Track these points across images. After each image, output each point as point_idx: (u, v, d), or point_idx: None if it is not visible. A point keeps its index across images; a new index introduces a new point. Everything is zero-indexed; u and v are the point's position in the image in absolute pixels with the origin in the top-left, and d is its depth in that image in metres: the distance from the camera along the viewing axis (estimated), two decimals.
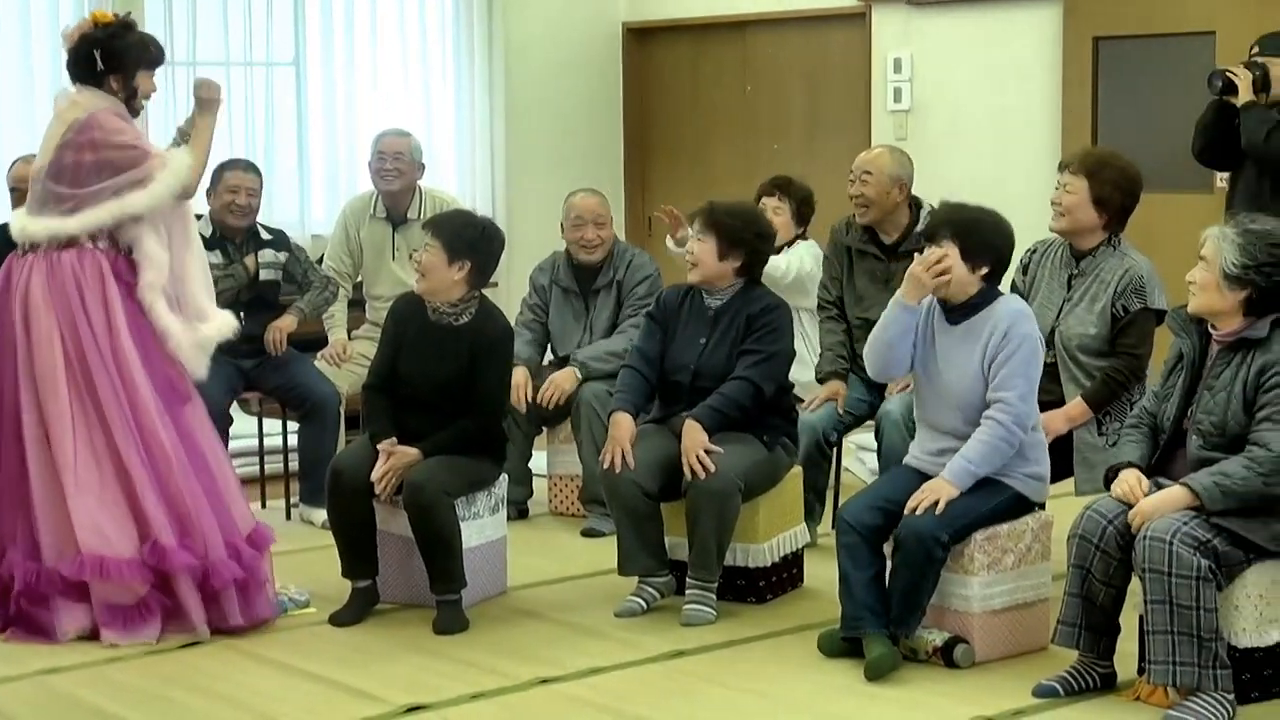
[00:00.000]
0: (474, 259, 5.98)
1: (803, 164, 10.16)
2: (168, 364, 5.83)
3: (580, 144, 10.83)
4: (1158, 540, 4.76)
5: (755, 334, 6.00)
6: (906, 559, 5.27)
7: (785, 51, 10.54)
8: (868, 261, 6.77)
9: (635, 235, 10.80)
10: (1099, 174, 5.92)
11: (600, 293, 7.40)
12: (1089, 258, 5.98)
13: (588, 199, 7.44)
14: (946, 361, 5.46)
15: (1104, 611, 5.00)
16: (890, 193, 6.67)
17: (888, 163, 6.71)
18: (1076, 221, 5.95)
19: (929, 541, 5.23)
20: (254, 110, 9.57)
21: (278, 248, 7.46)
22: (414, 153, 7.86)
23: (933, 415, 5.52)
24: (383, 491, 5.90)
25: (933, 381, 5.50)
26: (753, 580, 6.11)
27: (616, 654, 5.58)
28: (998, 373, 5.34)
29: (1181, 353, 5.09)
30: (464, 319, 6.04)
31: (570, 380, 7.19)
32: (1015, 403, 5.32)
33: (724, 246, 6.04)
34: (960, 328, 5.45)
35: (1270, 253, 4.88)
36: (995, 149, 9.48)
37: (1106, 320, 5.89)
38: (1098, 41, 9.12)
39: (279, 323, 7.35)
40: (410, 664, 5.52)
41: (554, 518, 7.52)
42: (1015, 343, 5.35)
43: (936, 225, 5.47)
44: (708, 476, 5.80)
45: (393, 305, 6.28)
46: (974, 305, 5.43)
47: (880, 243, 6.76)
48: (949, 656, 5.34)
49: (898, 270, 6.58)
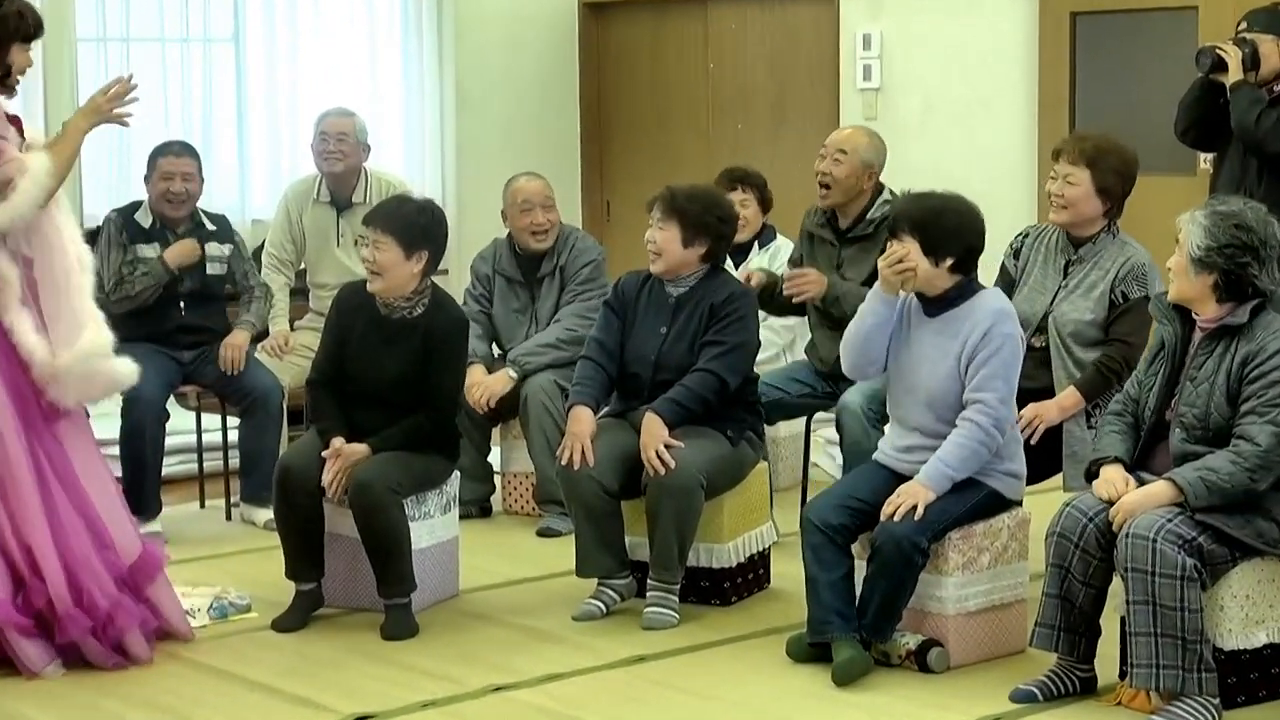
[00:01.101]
0: (430, 248, 5.98)
1: (768, 145, 10.19)
2: (23, 378, 5.50)
3: (535, 125, 10.82)
4: (1140, 538, 4.79)
5: (719, 324, 6.01)
6: (885, 566, 5.29)
7: (749, 27, 10.55)
8: (825, 247, 6.76)
9: (593, 221, 10.80)
10: (1100, 162, 5.95)
11: (545, 280, 7.39)
12: (1088, 244, 6.02)
13: (533, 182, 7.42)
14: (920, 356, 5.48)
15: (1084, 613, 5.03)
16: (859, 176, 6.64)
17: (863, 145, 6.67)
18: (1079, 214, 5.99)
19: (908, 548, 5.25)
20: (190, 89, 9.53)
21: (222, 239, 7.42)
22: (359, 133, 7.85)
23: (902, 411, 5.54)
24: (334, 495, 5.89)
25: (904, 376, 5.52)
26: (717, 581, 6.12)
27: (574, 660, 5.59)
28: (977, 373, 5.36)
29: (1163, 341, 5.12)
30: (418, 311, 6.03)
31: (502, 382, 7.19)
32: (995, 405, 5.35)
33: (688, 233, 6.04)
34: (937, 321, 5.47)
35: (1233, 235, 4.91)
36: (969, 129, 9.50)
37: (1104, 306, 5.92)
38: (1075, 17, 9.14)
39: (234, 340, 7.28)
40: (357, 671, 5.52)
41: (508, 516, 7.52)
42: (996, 343, 5.37)
43: (896, 219, 5.49)
44: (668, 473, 5.81)
45: (337, 295, 6.26)
46: (951, 299, 5.45)
47: (836, 227, 6.75)
48: (923, 660, 5.37)
49: (848, 256, 6.62)
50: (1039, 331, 5.95)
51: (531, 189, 7.38)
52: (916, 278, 5.41)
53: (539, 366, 7.17)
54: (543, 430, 7.07)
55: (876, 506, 5.38)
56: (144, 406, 6.96)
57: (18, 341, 5.47)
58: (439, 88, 10.28)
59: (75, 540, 5.49)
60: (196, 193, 7.35)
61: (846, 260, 6.64)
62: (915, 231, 5.40)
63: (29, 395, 5.50)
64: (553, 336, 7.21)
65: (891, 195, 6.55)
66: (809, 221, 6.84)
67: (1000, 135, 9.37)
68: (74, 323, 5.53)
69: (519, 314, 7.42)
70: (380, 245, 5.93)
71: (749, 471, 6.17)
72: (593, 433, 5.96)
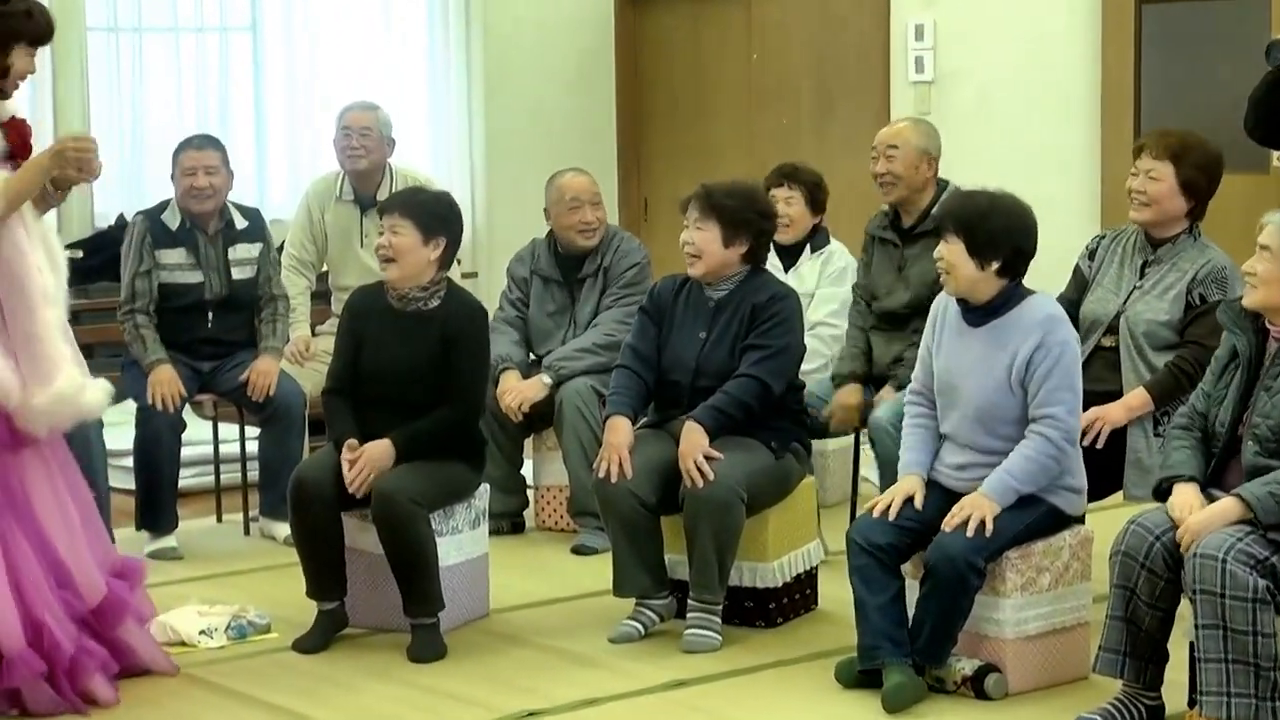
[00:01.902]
0: (447, 235, 6.03)
1: (813, 141, 10.18)
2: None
3: (568, 119, 10.82)
4: (1209, 558, 4.75)
5: (761, 327, 6.00)
6: (939, 587, 5.26)
7: (794, 16, 10.54)
8: (887, 248, 6.85)
9: (630, 220, 10.81)
10: (1184, 157, 5.97)
11: (586, 282, 7.40)
12: (1167, 245, 6.02)
13: (579, 178, 7.44)
14: (965, 368, 5.46)
15: (1151, 637, 5.00)
16: (919, 167, 6.74)
17: (913, 135, 6.79)
18: (1164, 211, 5.99)
19: (963, 567, 5.22)
20: (206, 82, 9.58)
21: (252, 238, 7.42)
22: (383, 127, 7.86)
23: (951, 427, 5.51)
24: (359, 491, 5.88)
25: (949, 391, 5.50)
26: (761, 602, 6.11)
27: (610, 684, 5.57)
28: (1040, 387, 5.33)
29: (1236, 351, 5.09)
30: (434, 303, 6.06)
31: (535, 388, 7.20)
32: (1065, 418, 5.33)
33: (728, 232, 6.04)
34: (982, 331, 5.45)
35: None
36: (1027, 124, 9.48)
37: (1180, 307, 5.92)
38: (1141, 6, 9.12)
39: (264, 367, 7.23)
40: (381, 695, 5.52)
41: (541, 532, 7.52)
42: (1055, 352, 5.34)
43: (942, 218, 5.49)
44: (705, 485, 5.81)
45: (348, 300, 6.29)
46: (997, 307, 5.43)
47: (899, 226, 6.80)
48: (979, 687, 5.34)
49: (911, 255, 6.67)
50: (1110, 332, 5.95)
51: (579, 185, 7.39)
52: (958, 281, 5.40)
53: (575, 372, 7.17)
54: (578, 438, 7.07)
55: (927, 524, 5.36)
56: (159, 416, 6.99)
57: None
58: (466, 79, 10.29)
59: (30, 577, 5.29)
60: (224, 187, 7.33)
61: (910, 259, 6.70)
62: (961, 232, 5.38)
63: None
64: (590, 341, 7.21)
65: (957, 189, 6.59)
66: (872, 225, 6.95)
67: (1061, 131, 9.35)
68: (45, 360, 5.33)
69: (556, 316, 7.42)
70: (397, 229, 5.98)
71: (794, 486, 6.16)
72: (630, 444, 5.95)
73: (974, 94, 9.70)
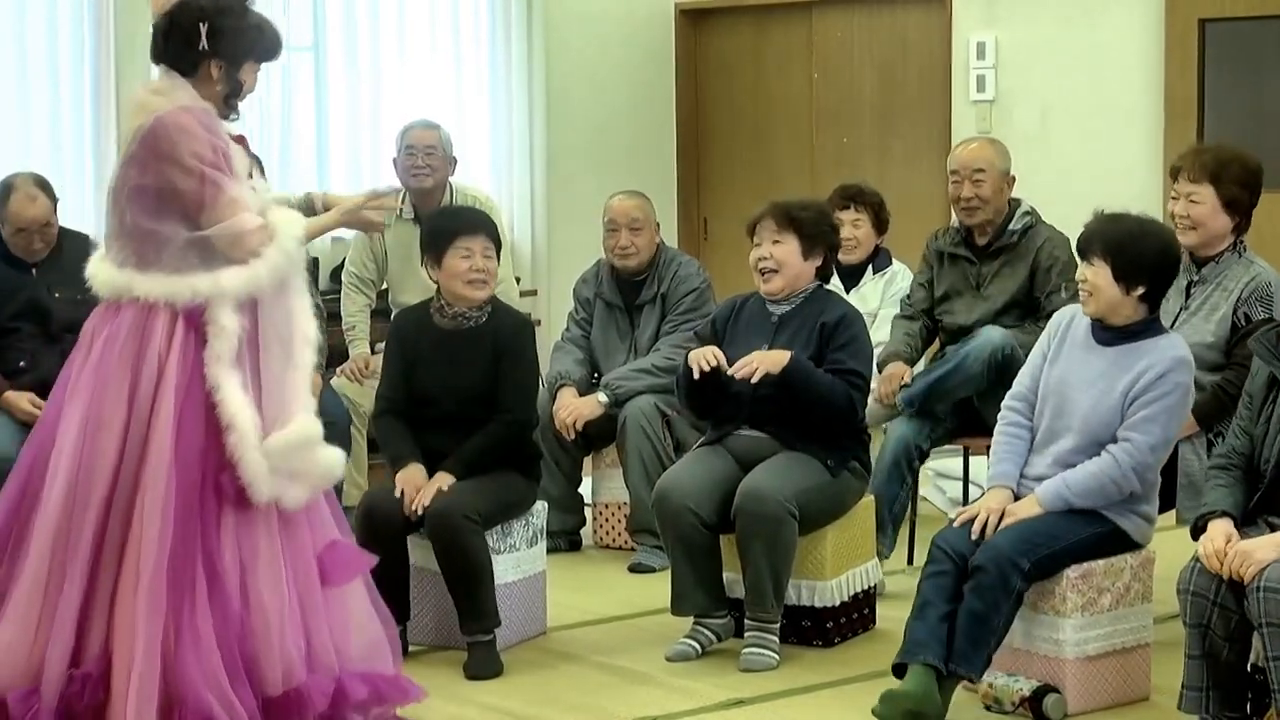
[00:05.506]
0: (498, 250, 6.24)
1: (875, 160, 10.17)
2: (215, 454, 4.79)
3: (628, 138, 10.83)
4: (1273, 591, 4.68)
5: (839, 345, 6.00)
6: (980, 586, 5.20)
7: (856, 35, 10.54)
8: (959, 265, 6.89)
9: (689, 240, 10.82)
10: (1223, 176, 5.95)
11: (645, 308, 7.43)
12: (1212, 264, 5.99)
13: (623, 202, 7.48)
14: (1083, 382, 5.41)
15: (1230, 667, 4.89)
16: (1002, 189, 6.84)
17: (996, 157, 6.87)
18: (1209, 232, 5.98)
19: (1006, 567, 5.18)
20: (269, 100, 9.59)
21: None
22: (445, 146, 7.89)
23: (1051, 438, 5.45)
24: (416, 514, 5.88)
25: (1057, 400, 5.45)
26: (819, 621, 6.10)
27: (668, 703, 5.57)
28: (1137, 412, 5.30)
29: (1275, 380, 5.00)
30: (483, 319, 6.15)
31: (590, 406, 7.22)
32: (1143, 449, 5.29)
33: (806, 244, 6.09)
34: (1111, 351, 5.39)
35: None
36: (1089, 143, 9.46)
37: (1226, 328, 5.89)
38: (1204, 24, 9.09)
39: None
40: (438, 712, 5.51)
41: (599, 550, 7.53)
42: (1167, 388, 5.30)
43: (1088, 240, 5.40)
44: (755, 502, 5.79)
45: (394, 322, 6.33)
46: (1133, 332, 5.38)
47: (972, 243, 6.84)
48: (1038, 707, 5.31)
49: (990, 271, 6.72)
50: None
51: (618, 209, 7.44)
52: (1099, 304, 5.37)
53: (631, 392, 7.18)
54: (640, 456, 7.08)
55: None
56: None
57: (220, 400, 4.76)
58: (527, 97, 10.30)
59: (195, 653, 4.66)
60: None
61: (989, 275, 6.73)
62: (1108, 255, 5.32)
63: (195, 465, 4.75)
64: (649, 363, 7.24)
65: (1031, 208, 6.83)
66: (940, 242, 6.98)
67: (1124, 150, 9.32)
68: (286, 403, 4.86)
69: (619, 340, 7.47)
70: (490, 253, 6.13)
71: (852, 504, 6.14)
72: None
73: (1035, 113, 9.68)
